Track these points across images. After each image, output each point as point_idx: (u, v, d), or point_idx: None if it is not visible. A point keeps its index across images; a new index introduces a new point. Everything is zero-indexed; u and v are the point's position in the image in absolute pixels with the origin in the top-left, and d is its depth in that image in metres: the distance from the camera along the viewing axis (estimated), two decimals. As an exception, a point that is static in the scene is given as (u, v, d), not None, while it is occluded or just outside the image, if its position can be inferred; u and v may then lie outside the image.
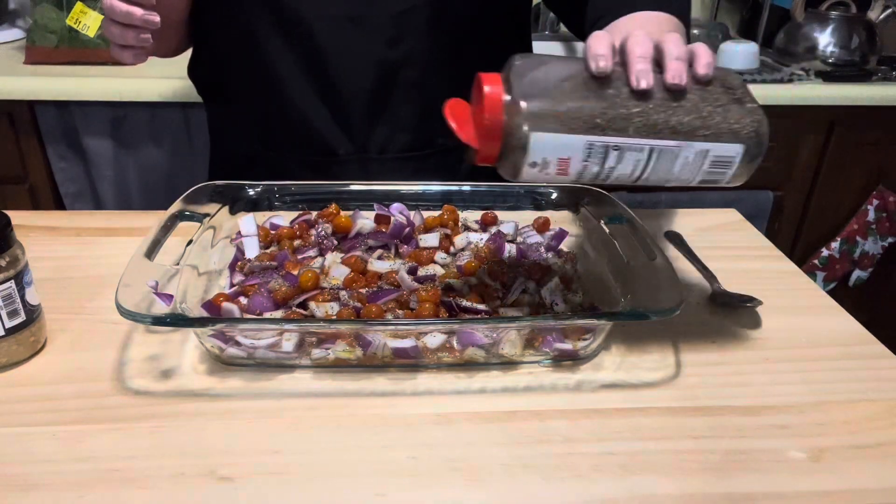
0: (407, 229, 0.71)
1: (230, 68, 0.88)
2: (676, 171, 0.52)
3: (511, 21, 0.89)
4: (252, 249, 0.70)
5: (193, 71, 0.94)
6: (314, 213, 0.75)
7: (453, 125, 0.51)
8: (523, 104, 0.49)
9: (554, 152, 0.50)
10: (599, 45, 0.51)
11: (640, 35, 0.52)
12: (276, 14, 0.79)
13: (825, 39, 1.66)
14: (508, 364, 0.59)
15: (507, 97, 0.50)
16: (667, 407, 0.56)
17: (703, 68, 0.52)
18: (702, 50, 0.52)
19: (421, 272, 0.66)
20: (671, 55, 0.51)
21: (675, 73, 0.50)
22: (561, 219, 0.76)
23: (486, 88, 0.50)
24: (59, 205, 1.46)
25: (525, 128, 0.49)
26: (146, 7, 0.67)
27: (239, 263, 0.68)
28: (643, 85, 0.50)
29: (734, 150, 0.51)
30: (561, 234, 0.74)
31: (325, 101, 0.83)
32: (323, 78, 0.82)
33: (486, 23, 0.84)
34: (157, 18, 0.68)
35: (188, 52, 0.94)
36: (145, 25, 0.67)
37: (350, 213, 0.74)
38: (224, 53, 0.88)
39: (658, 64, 0.52)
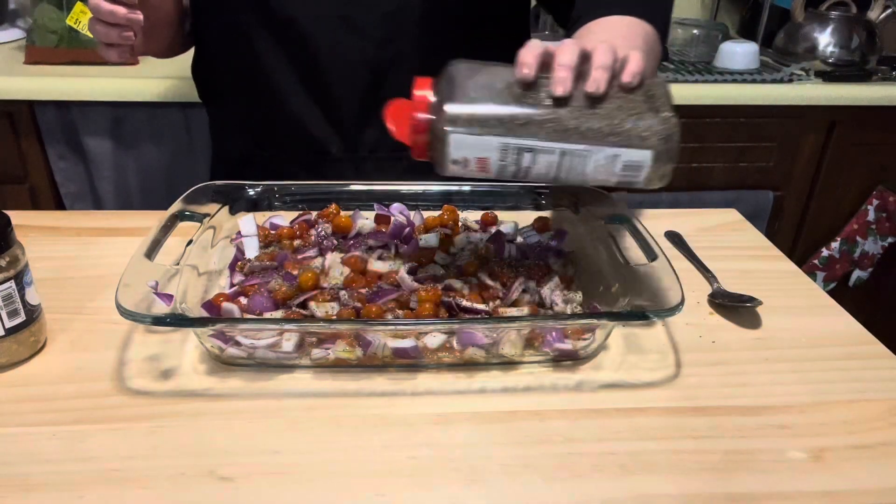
0: (407, 229, 0.71)
1: (225, 68, 0.88)
2: (590, 172, 0.55)
3: (505, 22, 0.89)
4: (252, 249, 0.70)
5: (195, 70, 0.94)
6: (314, 213, 0.75)
7: (391, 125, 0.56)
8: (444, 106, 0.53)
9: (472, 152, 0.54)
10: (527, 54, 0.54)
11: (570, 44, 0.55)
12: (268, 14, 0.79)
13: (825, 39, 1.66)
14: (508, 364, 0.59)
15: (434, 99, 0.54)
16: (667, 407, 0.56)
17: (626, 76, 0.54)
18: (633, 59, 0.55)
19: (421, 272, 0.66)
20: (596, 64, 0.54)
21: (594, 81, 0.53)
22: (561, 219, 0.76)
23: (416, 91, 0.55)
24: (59, 205, 1.46)
25: (444, 128, 0.53)
26: (129, 6, 0.68)
27: (239, 263, 0.68)
28: (559, 91, 0.53)
29: (643, 156, 0.54)
30: (561, 234, 0.74)
31: (317, 100, 0.83)
32: (314, 78, 0.82)
33: (477, 23, 0.84)
34: (140, 17, 0.69)
35: (191, 53, 0.95)
36: (129, 24, 0.69)
37: (350, 213, 0.74)
38: (218, 53, 0.88)
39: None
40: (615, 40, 0.57)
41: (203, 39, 0.90)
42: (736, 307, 0.69)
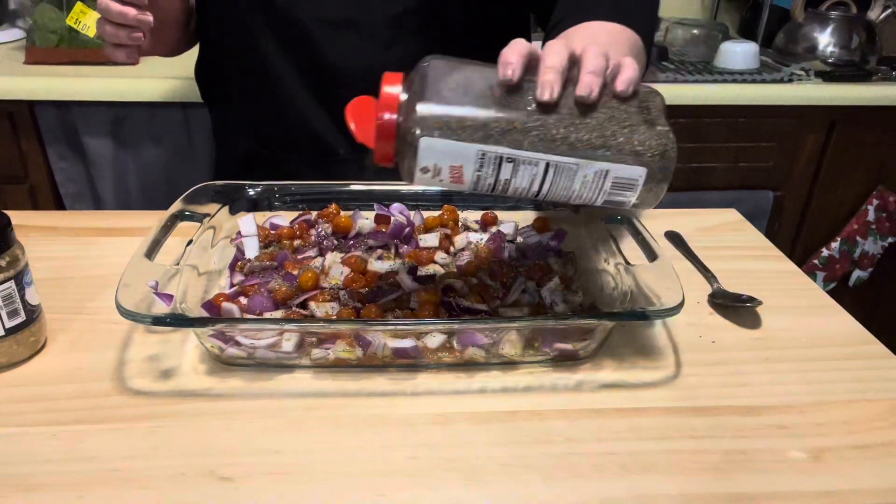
0: (407, 229, 0.71)
1: (231, 70, 0.88)
2: (576, 188, 0.50)
3: (507, 23, 0.89)
4: (252, 249, 0.70)
5: (199, 72, 0.94)
6: (314, 213, 0.75)
7: (352, 124, 0.50)
8: (416, 106, 0.48)
9: (445, 159, 0.48)
10: (511, 53, 0.49)
11: (557, 45, 0.50)
12: (273, 17, 0.80)
13: (825, 39, 1.66)
14: (508, 364, 0.59)
15: (404, 97, 0.49)
16: (667, 407, 0.56)
17: (621, 84, 0.49)
18: (627, 64, 0.50)
19: (421, 272, 0.66)
20: (586, 67, 0.49)
21: (586, 86, 0.48)
22: (561, 219, 0.76)
23: (384, 88, 0.49)
24: (59, 205, 1.46)
25: (415, 131, 0.47)
26: (139, 7, 0.68)
27: (239, 263, 0.68)
28: (546, 96, 0.48)
29: (636, 173, 0.49)
30: (561, 234, 0.74)
31: (323, 102, 0.83)
32: (320, 80, 0.82)
33: (480, 26, 0.84)
34: (150, 18, 0.69)
35: (192, 54, 0.95)
36: (138, 25, 0.68)
37: (350, 213, 0.74)
38: (224, 55, 0.88)
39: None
40: (604, 46, 0.52)
41: (208, 41, 0.90)
42: (736, 307, 0.69)
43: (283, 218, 0.75)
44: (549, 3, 0.78)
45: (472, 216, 0.77)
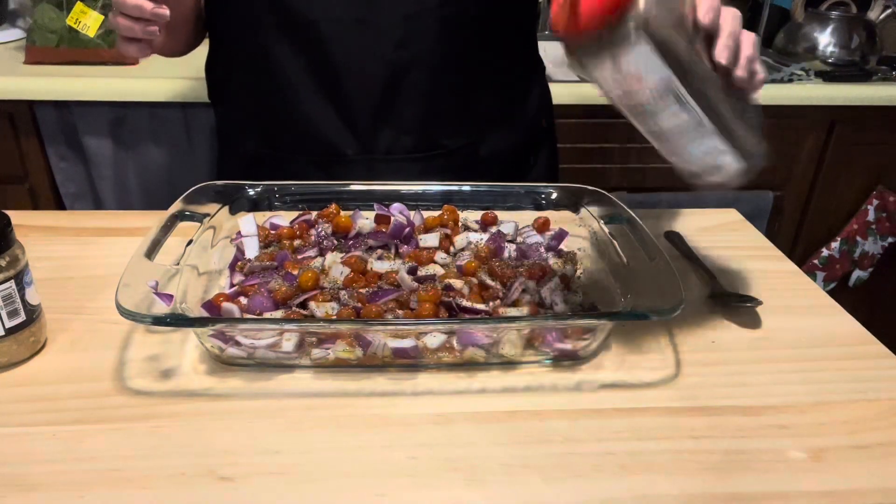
0: (407, 229, 0.71)
1: (239, 68, 0.88)
2: (693, 152, 0.52)
3: (516, 24, 0.89)
4: (252, 249, 0.70)
5: (209, 69, 0.94)
6: (314, 213, 0.75)
7: None
8: (654, 9, 0.45)
9: (640, 68, 0.46)
10: (712, 1, 0.52)
11: (733, 11, 0.54)
12: (285, 16, 0.79)
13: (825, 39, 1.66)
14: (508, 364, 0.59)
15: None
16: (667, 407, 0.56)
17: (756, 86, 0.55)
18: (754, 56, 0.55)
19: (421, 272, 0.66)
20: (745, 52, 0.54)
21: (743, 68, 0.53)
22: (561, 219, 0.76)
23: None
24: (59, 205, 1.46)
25: (640, 29, 0.44)
26: (155, 1, 0.67)
27: (239, 263, 0.68)
28: (724, 60, 0.52)
29: (737, 165, 0.53)
30: (561, 234, 0.74)
31: (333, 102, 0.83)
32: (330, 80, 0.82)
33: (492, 26, 0.84)
34: (167, 12, 0.68)
35: (197, 53, 0.94)
36: (155, 19, 0.67)
37: (350, 213, 0.74)
38: (233, 54, 0.88)
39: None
40: None
41: (218, 39, 0.90)
42: (736, 307, 0.69)
43: (283, 218, 0.75)
44: None
45: (472, 216, 0.77)
